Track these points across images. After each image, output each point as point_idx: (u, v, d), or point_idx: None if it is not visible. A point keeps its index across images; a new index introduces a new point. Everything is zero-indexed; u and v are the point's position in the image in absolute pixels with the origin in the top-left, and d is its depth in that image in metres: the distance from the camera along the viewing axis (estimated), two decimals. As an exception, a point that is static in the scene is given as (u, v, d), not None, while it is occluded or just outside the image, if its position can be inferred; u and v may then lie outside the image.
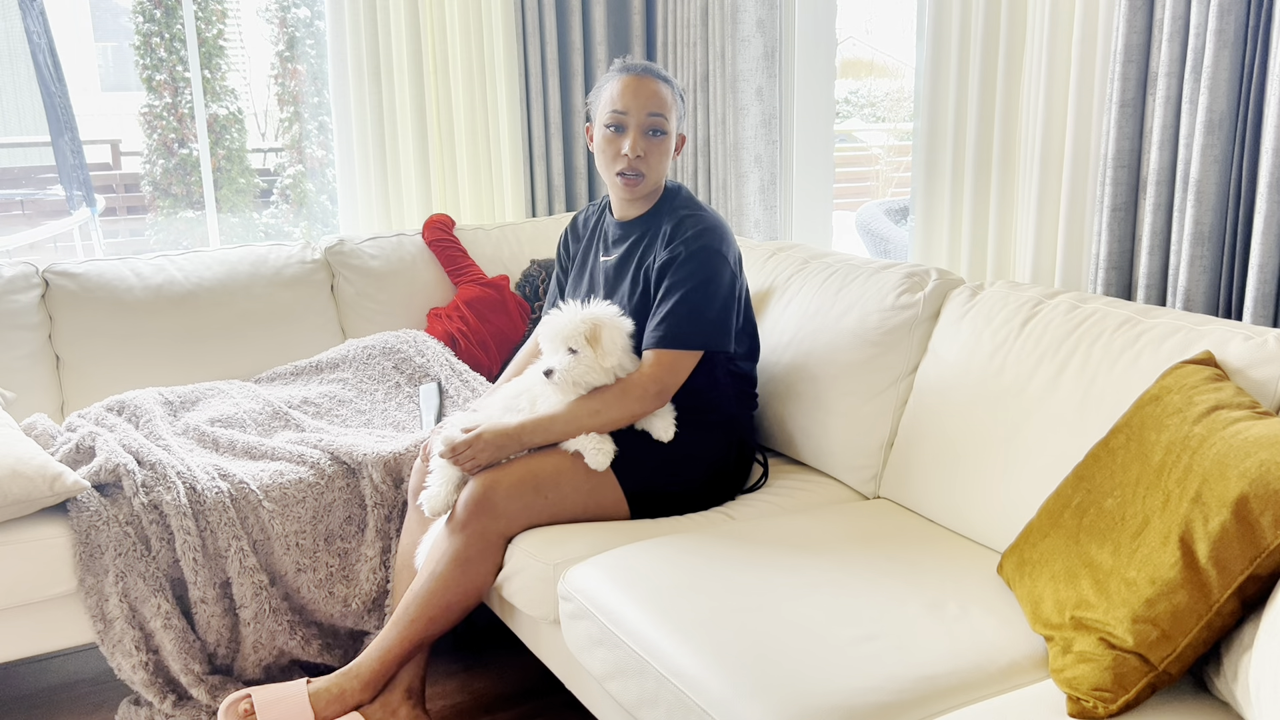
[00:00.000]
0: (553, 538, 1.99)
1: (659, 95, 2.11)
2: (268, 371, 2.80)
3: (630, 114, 2.10)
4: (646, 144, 2.11)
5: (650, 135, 2.11)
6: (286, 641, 2.23)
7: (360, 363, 2.73)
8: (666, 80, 2.15)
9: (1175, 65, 1.95)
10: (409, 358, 2.72)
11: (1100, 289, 2.12)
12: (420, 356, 2.73)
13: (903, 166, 8.21)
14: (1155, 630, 1.35)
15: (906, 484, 2.11)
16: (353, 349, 2.77)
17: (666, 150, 2.15)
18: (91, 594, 2.11)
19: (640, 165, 2.12)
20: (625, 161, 2.11)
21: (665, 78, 2.15)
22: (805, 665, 1.50)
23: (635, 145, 2.10)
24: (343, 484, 2.30)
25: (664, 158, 2.15)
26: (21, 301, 2.66)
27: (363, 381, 2.70)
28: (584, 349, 2.01)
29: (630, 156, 2.10)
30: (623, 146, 2.11)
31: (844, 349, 2.21)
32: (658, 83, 2.12)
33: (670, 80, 2.16)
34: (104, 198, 6.43)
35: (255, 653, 2.21)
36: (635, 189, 2.15)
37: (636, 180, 2.13)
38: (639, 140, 2.10)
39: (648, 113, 2.10)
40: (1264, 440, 1.35)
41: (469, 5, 3.28)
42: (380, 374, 2.70)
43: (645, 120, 2.10)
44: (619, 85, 2.12)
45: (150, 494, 2.16)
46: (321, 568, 2.27)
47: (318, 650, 2.27)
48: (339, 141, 3.35)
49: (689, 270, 2.07)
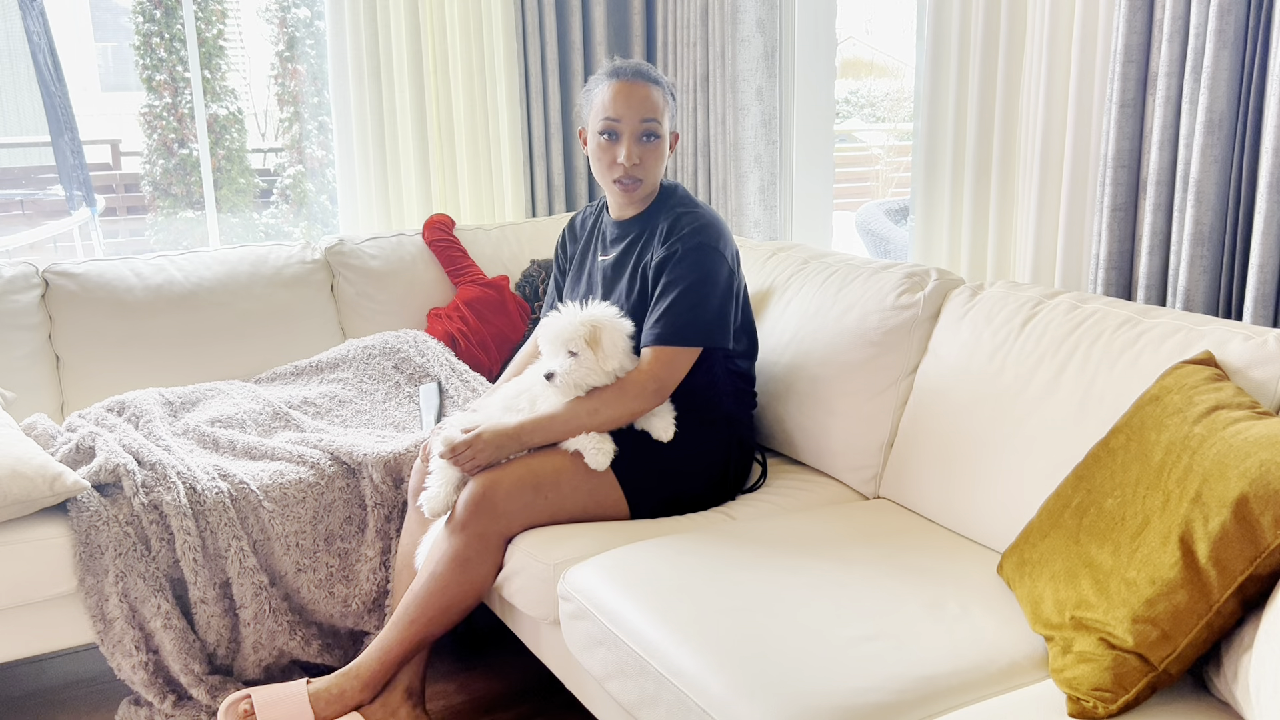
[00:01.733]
0: (553, 538, 1.99)
1: (650, 100, 2.11)
2: (268, 372, 2.80)
3: (624, 121, 2.09)
4: (641, 150, 2.11)
5: (644, 140, 2.11)
6: (286, 642, 2.23)
7: (360, 363, 2.73)
8: (657, 81, 2.14)
9: (1175, 65, 1.95)
10: (409, 357, 2.72)
11: (1100, 289, 2.12)
12: (420, 356, 2.73)
13: (903, 166, 8.21)
14: (1155, 630, 1.35)
15: (906, 484, 2.11)
16: (353, 349, 2.77)
17: (661, 154, 2.15)
18: (91, 594, 2.11)
19: (637, 172, 2.12)
20: (622, 170, 2.12)
21: (655, 79, 2.14)
22: (805, 665, 1.50)
23: (631, 154, 2.10)
24: (343, 484, 2.30)
25: (659, 161, 2.15)
26: (21, 301, 2.66)
27: (363, 381, 2.70)
28: (584, 351, 2.01)
29: (626, 165, 2.10)
30: (618, 155, 2.11)
31: (844, 349, 2.21)
32: (649, 86, 2.12)
33: (660, 80, 2.15)
34: (104, 198, 6.43)
35: (255, 653, 2.21)
36: (633, 194, 2.16)
37: (634, 186, 2.14)
38: (634, 148, 2.10)
39: (641, 119, 2.09)
40: (1264, 440, 1.35)
41: (469, 5, 3.28)
42: (380, 374, 2.70)
43: (639, 127, 2.10)
44: (610, 91, 2.11)
45: (150, 494, 2.16)
46: (321, 568, 2.27)
47: (318, 650, 2.27)
48: (339, 141, 3.35)
49: (686, 267, 2.07)
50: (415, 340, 2.78)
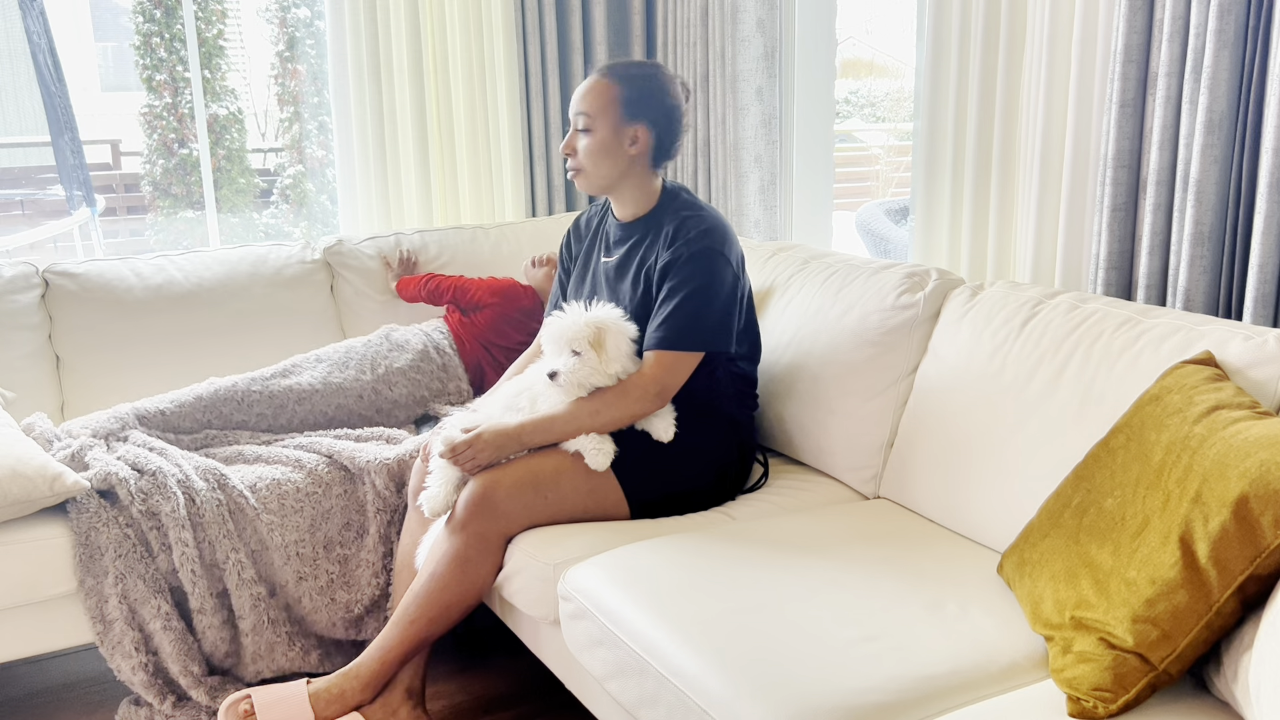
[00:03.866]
0: (553, 538, 1.99)
1: (590, 91, 2.15)
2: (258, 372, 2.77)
3: (571, 112, 2.17)
4: (576, 140, 2.17)
5: (581, 132, 2.16)
6: (286, 652, 2.22)
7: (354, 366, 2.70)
8: (615, 76, 2.14)
9: (1175, 65, 1.95)
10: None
11: (1100, 289, 2.12)
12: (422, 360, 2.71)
13: (903, 166, 8.21)
14: (1155, 630, 1.35)
15: (906, 484, 2.11)
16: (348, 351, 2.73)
17: (595, 147, 2.15)
18: (91, 595, 2.11)
19: (572, 161, 2.19)
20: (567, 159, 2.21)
21: (612, 73, 2.15)
22: (805, 665, 1.50)
23: (567, 143, 2.18)
24: (340, 490, 2.29)
25: (595, 154, 2.15)
26: (21, 301, 2.66)
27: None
28: (588, 352, 2.01)
29: (564, 152, 2.19)
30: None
31: (844, 349, 2.21)
32: (599, 79, 2.15)
33: (623, 76, 2.14)
34: (104, 198, 6.43)
35: (254, 663, 2.21)
36: (578, 183, 2.21)
37: (575, 175, 2.20)
38: (572, 137, 2.17)
39: (576, 111, 2.17)
40: (1264, 440, 1.35)
41: (469, 5, 3.28)
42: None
43: (575, 118, 2.17)
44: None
45: (148, 501, 2.15)
46: (322, 575, 2.26)
47: (317, 660, 2.26)
48: (339, 141, 3.35)
49: (690, 271, 2.07)
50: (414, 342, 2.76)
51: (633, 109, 2.14)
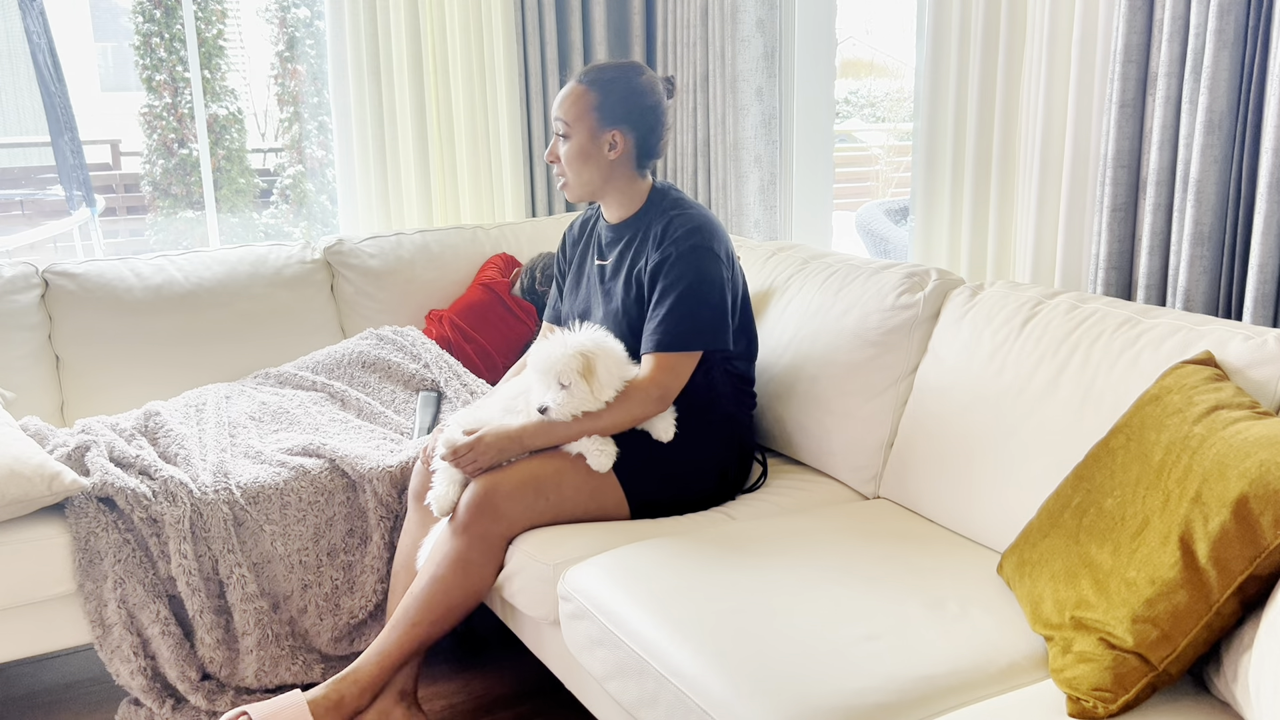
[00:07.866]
0: (553, 538, 1.99)
1: (567, 98, 2.15)
2: (259, 373, 2.78)
3: (553, 119, 2.19)
4: (558, 147, 2.18)
5: (562, 139, 2.17)
6: (290, 666, 2.21)
7: (354, 368, 2.71)
8: (589, 81, 2.14)
9: (1175, 65, 1.95)
10: (400, 364, 2.69)
11: (1100, 289, 2.12)
12: (416, 361, 2.71)
13: (903, 166, 8.21)
14: (1155, 630, 1.35)
15: (906, 484, 2.11)
16: (347, 352, 2.74)
17: (574, 154, 2.15)
18: (90, 599, 2.11)
19: (558, 169, 2.19)
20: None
21: (589, 79, 2.15)
22: (805, 665, 1.50)
23: (550, 151, 2.19)
24: (343, 498, 2.29)
25: (574, 162, 2.15)
26: (21, 301, 2.66)
27: (358, 387, 2.67)
28: (577, 383, 2.00)
29: (549, 160, 2.21)
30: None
31: (844, 349, 2.21)
32: (574, 85, 2.16)
33: (598, 80, 2.14)
34: (104, 198, 6.43)
35: (258, 679, 2.20)
36: (565, 193, 2.21)
37: (563, 185, 2.21)
38: (555, 145, 2.18)
39: (555, 118, 2.18)
40: (1264, 440, 1.35)
41: (469, 5, 3.28)
42: (375, 385, 2.67)
43: (555, 125, 2.18)
44: None
45: (150, 509, 2.14)
46: (327, 582, 2.26)
47: (320, 674, 2.25)
48: (339, 141, 3.35)
49: (681, 271, 2.07)
50: (413, 342, 2.76)
51: (609, 114, 2.13)
